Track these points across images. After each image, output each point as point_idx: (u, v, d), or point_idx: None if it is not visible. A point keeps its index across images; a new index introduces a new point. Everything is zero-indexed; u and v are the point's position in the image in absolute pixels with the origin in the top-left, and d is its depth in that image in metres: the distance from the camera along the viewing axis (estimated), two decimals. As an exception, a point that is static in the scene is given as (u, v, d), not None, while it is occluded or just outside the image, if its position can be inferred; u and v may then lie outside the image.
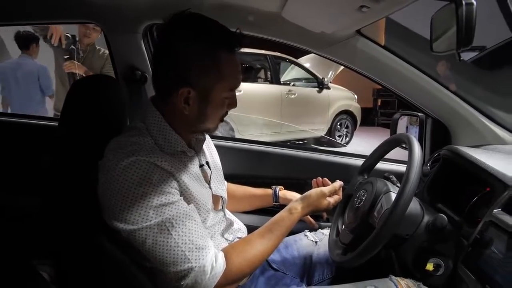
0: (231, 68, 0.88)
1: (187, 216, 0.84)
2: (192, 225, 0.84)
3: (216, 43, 0.85)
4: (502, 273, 0.76)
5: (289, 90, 5.93)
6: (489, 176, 0.99)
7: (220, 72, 0.86)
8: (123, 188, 0.79)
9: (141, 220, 0.79)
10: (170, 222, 0.81)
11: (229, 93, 0.90)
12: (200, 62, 0.85)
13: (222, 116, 0.95)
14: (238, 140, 1.73)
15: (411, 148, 0.97)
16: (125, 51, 1.43)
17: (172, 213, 0.82)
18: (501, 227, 0.81)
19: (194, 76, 0.85)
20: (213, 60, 0.85)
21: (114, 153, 0.83)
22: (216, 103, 0.89)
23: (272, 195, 1.34)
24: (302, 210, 1.05)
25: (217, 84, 0.87)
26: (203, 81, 0.86)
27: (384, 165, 1.56)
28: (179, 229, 0.82)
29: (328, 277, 1.19)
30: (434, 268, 0.96)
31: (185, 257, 0.81)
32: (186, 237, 0.82)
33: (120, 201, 0.79)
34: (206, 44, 0.84)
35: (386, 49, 1.32)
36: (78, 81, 1.01)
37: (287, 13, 1.20)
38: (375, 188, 1.07)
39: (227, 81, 0.88)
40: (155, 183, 0.81)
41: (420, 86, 1.34)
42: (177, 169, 0.88)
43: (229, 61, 0.87)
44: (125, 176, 0.80)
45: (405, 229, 0.99)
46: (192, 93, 0.86)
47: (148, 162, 0.82)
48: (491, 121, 1.35)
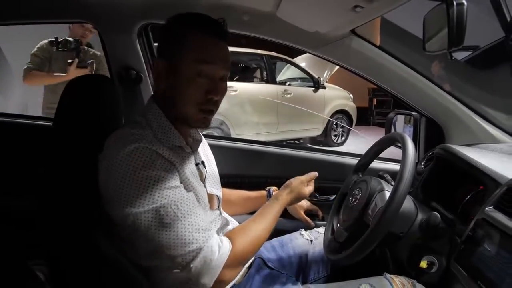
0: (198, 43, 0.89)
1: (190, 200, 0.86)
2: (196, 209, 0.86)
3: (190, 23, 0.90)
4: (494, 269, 0.77)
5: (285, 89, 5.93)
6: (481, 174, 1.00)
7: (186, 43, 0.89)
8: (127, 172, 0.80)
9: (147, 202, 0.80)
10: (176, 205, 0.82)
11: (197, 66, 0.88)
12: (171, 36, 0.91)
13: (200, 101, 0.91)
14: (233, 140, 1.74)
15: (405, 147, 0.98)
16: (120, 50, 1.43)
17: (176, 196, 0.83)
18: (493, 225, 0.83)
19: (165, 48, 0.92)
20: (182, 34, 0.90)
21: (116, 142, 0.85)
22: (186, 76, 0.89)
23: (266, 196, 1.35)
24: (286, 196, 1.12)
25: (185, 54, 0.89)
26: (171, 51, 0.90)
27: (378, 164, 1.57)
28: (184, 211, 0.83)
29: (324, 275, 1.20)
30: (428, 266, 0.97)
31: (193, 237, 0.82)
32: (192, 219, 0.83)
33: (125, 185, 0.80)
34: (182, 24, 0.91)
35: (380, 49, 1.33)
36: (73, 81, 1.01)
37: (282, 12, 1.20)
38: (369, 187, 1.07)
39: (193, 52, 0.88)
40: (158, 168, 0.83)
41: (414, 86, 1.35)
42: (177, 161, 0.89)
43: (197, 37, 0.89)
44: (128, 161, 0.81)
45: (399, 227, 1.00)
46: (162, 64, 0.90)
47: (151, 150, 0.83)
48: (484, 120, 1.37)
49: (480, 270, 0.81)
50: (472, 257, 0.85)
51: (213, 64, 0.90)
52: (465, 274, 0.84)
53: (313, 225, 1.39)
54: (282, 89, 5.92)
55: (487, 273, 0.79)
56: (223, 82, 0.94)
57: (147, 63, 1.47)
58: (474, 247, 0.85)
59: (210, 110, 0.93)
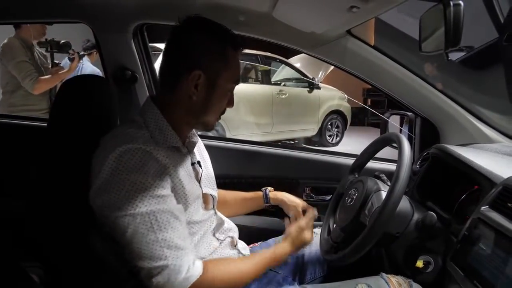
0: (235, 63, 0.95)
1: (172, 214, 0.84)
2: (176, 224, 0.84)
3: (224, 38, 0.92)
4: (490, 269, 0.78)
5: (280, 90, 5.94)
6: (477, 174, 1.01)
7: (227, 62, 0.92)
8: (115, 173, 0.80)
9: (127, 207, 0.79)
10: (154, 216, 0.81)
11: (232, 85, 0.96)
12: (210, 50, 0.91)
13: (222, 110, 0.99)
14: (228, 140, 1.73)
15: (401, 147, 0.98)
16: (115, 50, 1.42)
17: (158, 207, 0.81)
18: (488, 224, 0.83)
19: (205, 61, 0.91)
20: (221, 51, 0.92)
21: (110, 142, 0.85)
22: (221, 92, 0.94)
23: (262, 197, 1.34)
24: (287, 248, 1.06)
25: (224, 72, 0.92)
26: (213, 66, 0.91)
27: (374, 164, 1.58)
28: (161, 224, 0.81)
29: (320, 276, 1.20)
30: (424, 265, 0.98)
31: (163, 253, 0.80)
32: (167, 234, 0.81)
33: (110, 187, 0.80)
34: (215, 37, 0.92)
35: (376, 49, 1.33)
36: (67, 81, 1.00)
37: (278, 13, 1.20)
38: (365, 187, 1.07)
39: (232, 71, 0.94)
40: (147, 172, 0.82)
41: (410, 86, 1.36)
42: (171, 162, 0.89)
43: (233, 56, 0.94)
44: (119, 162, 0.80)
45: (396, 227, 1.00)
46: (202, 77, 0.90)
47: (144, 151, 0.83)
48: (479, 120, 1.37)
49: (476, 270, 0.81)
50: (468, 256, 0.85)
51: (239, 81, 0.99)
52: (461, 274, 0.85)
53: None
54: (277, 90, 5.92)
55: (483, 272, 0.79)
56: None
57: (142, 63, 1.46)
58: (470, 246, 0.86)
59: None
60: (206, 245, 1.03)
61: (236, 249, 1.12)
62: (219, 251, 1.06)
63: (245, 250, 1.16)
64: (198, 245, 0.99)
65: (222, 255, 1.05)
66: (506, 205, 0.82)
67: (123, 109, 1.44)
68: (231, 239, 1.12)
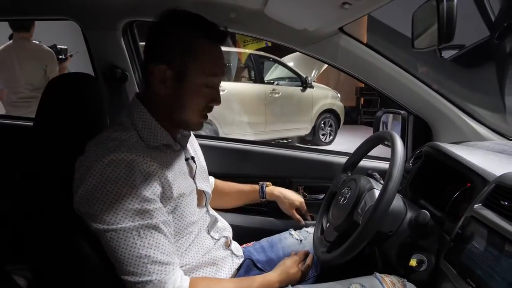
0: (209, 55, 0.89)
1: (157, 229, 0.81)
2: (161, 238, 0.81)
3: (196, 29, 0.87)
4: (483, 267, 0.77)
5: (273, 89, 5.94)
6: (469, 171, 1.01)
7: (195, 54, 0.87)
8: (98, 185, 0.77)
9: (109, 220, 0.77)
10: (138, 231, 0.78)
11: (205, 78, 0.89)
12: (177, 43, 0.87)
13: (203, 109, 0.93)
14: (222, 139, 1.72)
15: (394, 145, 0.97)
16: (104, 49, 1.39)
17: (142, 222, 0.79)
18: (481, 222, 0.83)
19: (171, 55, 0.87)
20: (190, 43, 0.87)
21: (95, 149, 0.82)
22: (192, 88, 0.89)
23: (259, 191, 1.35)
24: (278, 276, 1.05)
25: (193, 65, 0.87)
26: (179, 60, 0.87)
27: (367, 163, 1.57)
28: (145, 240, 0.79)
29: (313, 275, 1.19)
30: (418, 264, 0.97)
31: (146, 269, 0.78)
32: (151, 250, 0.79)
33: (94, 197, 0.77)
34: (185, 29, 0.87)
35: (368, 47, 1.32)
36: (54, 79, 0.98)
37: (270, 10, 1.19)
38: (358, 185, 1.07)
39: (203, 65, 0.88)
40: (132, 184, 0.79)
41: (402, 84, 1.36)
42: (161, 164, 0.87)
43: (206, 48, 0.88)
44: (102, 174, 0.77)
45: (389, 225, 1.00)
46: (168, 72, 0.87)
47: (129, 162, 0.79)
48: (471, 118, 1.38)
49: (469, 268, 0.81)
50: (462, 254, 0.85)
51: (220, 77, 0.93)
52: (455, 272, 0.84)
53: (303, 224, 1.39)
54: (270, 89, 5.92)
55: (476, 270, 0.79)
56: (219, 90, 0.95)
57: (132, 61, 1.44)
58: (463, 244, 0.85)
59: (207, 115, 0.96)
60: (200, 245, 1.01)
61: (229, 250, 1.11)
62: (212, 252, 1.04)
63: (238, 251, 1.15)
64: (192, 245, 0.97)
65: (215, 256, 1.04)
66: (499, 203, 0.82)
67: (113, 108, 1.42)
68: (225, 239, 1.11)
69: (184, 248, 0.95)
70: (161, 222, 0.82)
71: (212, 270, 1.02)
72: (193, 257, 0.97)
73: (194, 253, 0.98)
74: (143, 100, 0.93)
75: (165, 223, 0.84)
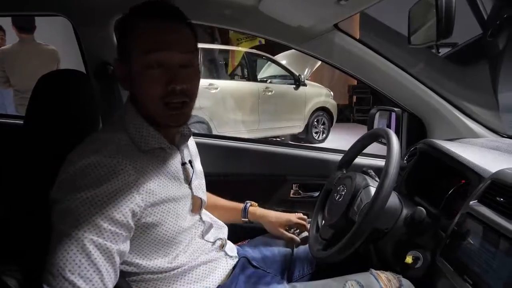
0: (142, 30, 0.81)
1: (106, 255, 0.72)
2: (100, 262, 0.71)
3: (131, 11, 0.84)
4: (479, 263, 0.78)
5: (266, 87, 5.94)
6: (465, 168, 1.01)
7: (130, 36, 0.82)
8: (72, 178, 0.73)
9: (66, 219, 0.71)
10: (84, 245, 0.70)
11: (147, 57, 0.80)
12: (119, 33, 0.87)
13: (161, 95, 0.82)
14: (217, 137, 1.71)
15: (389, 142, 0.98)
16: (96, 45, 1.37)
17: (96, 239, 0.71)
18: (477, 219, 0.83)
19: (119, 48, 0.87)
20: (127, 27, 0.84)
21: (80, 148, 0.79)
22: (140, 72, 0.81)
23: (241, 210, 1.28)
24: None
25: (133, 49, 0.81)
26: (123, 49, 0.85)
27: (361, 160, 1.58)
28: (79, 255, 0.69)
29: (308, 273, 1.18)
30: (413, 261, 0.97)
31: (62, 282, 0.68)
32: (76, 267, 0.69)
33: (62, 187, 0.74)
34: (125, 16, 0.85)
35: (363, 44, 1.32)
36: (45, 76, 0.96)
37: (264, 6, 1.18)
38: (354, 183, 1.07)
39: (140, 42, 0.81)
40: (106, 193, 0.73)
41: (397, 81, 1.36)
42: (149, 168, 0.83)
43: (140, 25, 0.81)
44: (80, 171, 0.74)
45: (385, 223, 1.00)
46: (118, 64, 0.86)
47: (109, 167, 0.75)
48: (465, 116, 1.39)
49: (466, 264, 0.81)
50: (458, 251, 0.85)
51: (166, 51, 0.81)
52: (451, 268, 0.84)
53: (298, 241, 1.27)
54: (263, 87, 5.92)
55: (472, 266, 0.79)
56: (187, 68, 0.84)
57: None
58: (459, 241, 0.86)
59: (177, 103, 0.83)
60: (193, 249, 0.98)
61: (223, 251, 1.09)
62: (206, 254, 1.02)
63: (232, 252, 1.13)
64: (184, 250, 0.94)
65: (209, 258, 1.02)
66: (495, 199, 0.82)
67: (106, 106, 1.40)
68: (220, 242, 1.09)
69: (174, 255, 0.92)
70: (116, 250, 0.74)
71: (206, 270, 1.00)
72: (185, 261, 0.94)
73: (187, 257, 0.95)
74: (135, 101, 0.88)
75: (116, 253, 0.74)
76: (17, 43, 2.91)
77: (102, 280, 0.71)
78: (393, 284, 0.95)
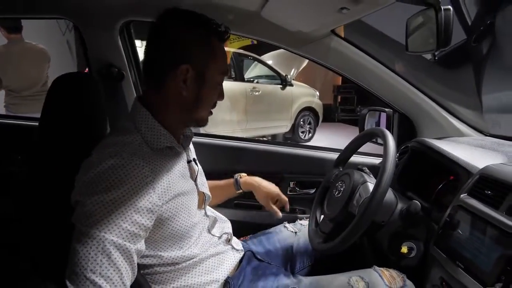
0: (221, 53, 0.94)
1: (126, 255, 0.76)
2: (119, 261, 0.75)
3: (210, 29, 0.91)
4: (470, 249, 0.85)
5: (253, 87, 5.97)
6: (454, 165, 1.09)
7: (213, 53, 0.91)
8: (93, 181, 0.77)
9: (84, 221, 0.75)
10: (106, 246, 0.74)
11: (221, 76, 0.95)
12: (196, 42, 0.89)
13: (213, 105, 0.98)
14: (214, 137, 1.75)
15: (385, 141, 1.04)
16: (101, 48, 1.40)
17: (110, 237, 0.74)
18: (468, 210, 0.91)
19: (192, 54, 0.89)
20: (208, 43, 0.90)
21: (98, 152, 0.83)
22: (211, 85, 0.93)
23: (233, 183, 1.36)
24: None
25: (212, 63, 0.91)
26: (200, 59, 0.89)
27: (355, 158, 1.64)
28: (100, 256, 0.73)
29: (308, 265, 1.24)
30: (408, 251, 1.05)
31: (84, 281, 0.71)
32: (97, 267, 0.73)
33: (84, 191, 0.77)
34: (198, 28, 0.90)
35: (358, 48, 1.39)
36: (59, 79, 0.99)
37: (267, 12, 1.23)
38: (352, 179, 1.13)
39: (219, 62, 0.93)
40: (123, 197, 0.77)
41: (389, 84, 1.44)
42: (162, 168, 0.88)
43: (219, 47, 0.93)
44: (101, 174, 0.77)
45: (382, 216, 1.06)
46: (191, 71, 0.88)
47: (127, 169, 0.78)
48: (452, 116, 1.47)
49: (458, 251, 0.89)
50: (450, 240, 0.93)
51: (227, 71, 0.98)
52: (444, 256, 0.92)
53: (280, 216, 1.34)
54: (250, 87, 5.95)
55: (463, 253, 0.87)
56: None
57: (128, 61, 1.45)
58: (451, 231, 0.93)
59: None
60: (203, 243, 1.03)
61: (230, 245, 1.15)
62: (215, 247, 1.07)
63: (237, 245, 1.18)
64: (195, 244, 1.00)
65: (216, 251, 1.07)
66: (483, 192, 0.91)
67: (109, 107, 1.43)
68: (226, 236, 1.15)
69: (187, 247, 0.97)
70: (134, 250, 0.78)
71: (215, 263, 1.05)
72: (197, 253, 0.99)
73: (198, 249, 1.00)
74: (144, 103, 0.93)
75: (138, 252, 0.80)
76: (6, 44, 2.89)
77: (122, 279, 0.75)
78: (397, 282, 1.01)
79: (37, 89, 2.96)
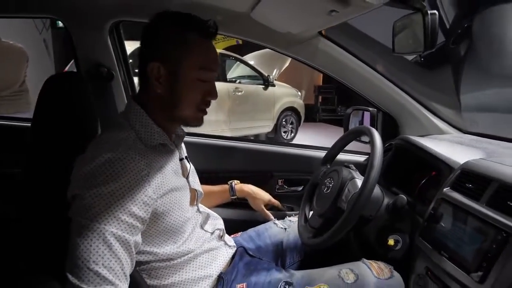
0: (200, 49, 0.92)
1: (125, 245, 0.78)
2: (120, 252, 0.77)
3: (186, 25, 0.91)
4: (453, 239, 0.91)
5: (236, 87, 5.98)
6: (437, 160, 1.15)
7: (187, 49, 0.90)
8: (90, 175, 0.78)
9: (83, 214, 0.75)
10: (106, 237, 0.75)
11: (199, 72, 0.91)
12: (168, 40, 0.90)
13: (199, 103, 0.95)
14: (204, 136, 1.76)
15: (372, 138, 1.08)
16: (90, 48, 1.39)
17: (116, 231, 0.76)
18: (450, 203, 0.96)
19: (163, 52, 0.90)
20: (180, 38, 0.90)
21: (93, 148, 0.84)
22: (187, 82, 0.91)
23: (228, 190, 1.41)
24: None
25: (185, 60, 0.90)
26: (172, 56, 0.89)
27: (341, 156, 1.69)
28: (102, 247, 0.74)
29: (298, 260, 1.28)
30: (394, 243, 1.09)
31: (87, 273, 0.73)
32: (100, 258, 0.74)
33: (79, 184, 0.78)
34: (175, 26, 0.90)
35: (344, 49, 1.44)
36: (51, 79, 0.99)
37: (257, 14, 1.25)
38: (341, 176, 1.16)
39: (195, 58, 0.91)
40: (123, 186, 0.78)
41: (374, 84, 1.49)
42: (156, 162, 0.90)
43: (198, 43, 0.91)
44: (97, 168, 0.78)
45: (369, 210, 1.11)
46: (162, 69, 0.89)
47: (123, 163, 0.80)
48: (433, 114, 1.54)
49: (442, 242, 0.94)
50: (434, 231, 0.98)
51: (214, 71, 0.95)
52: (429, 247, 0.97)
53: (272, 219, 1.44)
54: (233, 87, 5.96)
55: (448, 243, 0.92)
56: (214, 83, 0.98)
57: (118, 61, 1.45)
58: (436, 223, 0.99)
59: (205, 109, 0.98)
60: (196, 239, 1.05)
61: (222, 241, 1.17)
62: (208, 243, 1.09)
63: (230, 242, 1.21)
64: (188, 239, 1.02)
65: (210, 247, 1.09)
66: (465, 186, 0.96)
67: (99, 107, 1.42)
68: (219, 232, 1.17)
69: (181, 242, 0.99)
70: (130, 240, 0.79)
71: (208, 258, 1.07)
72: (191, 248, 1.01)
73: (192, 245, 1.02)
74: (139, 101, 0.95)
75: (132, 243, 0.80)
76: None
77: (123, 269, 0.77)
78: (385, 273, 1.04)
79: (15, 89, 2.84)
